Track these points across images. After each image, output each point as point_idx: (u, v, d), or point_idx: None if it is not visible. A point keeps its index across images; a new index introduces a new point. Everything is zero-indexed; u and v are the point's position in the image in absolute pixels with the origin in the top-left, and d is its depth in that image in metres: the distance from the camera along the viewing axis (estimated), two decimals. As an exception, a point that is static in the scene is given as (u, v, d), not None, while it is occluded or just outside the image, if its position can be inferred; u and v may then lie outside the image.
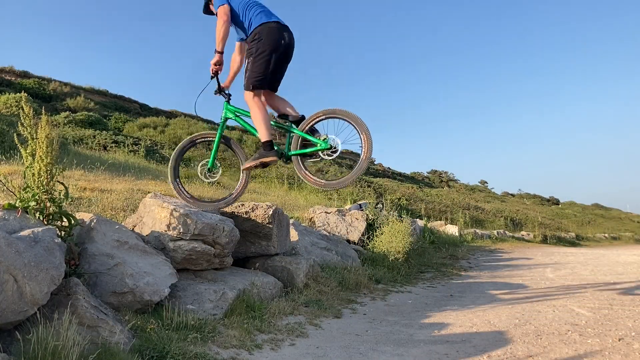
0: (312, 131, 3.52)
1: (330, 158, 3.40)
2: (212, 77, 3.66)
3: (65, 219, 2.73)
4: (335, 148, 3.36)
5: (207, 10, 3.80)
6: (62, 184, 2.77)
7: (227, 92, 3.82)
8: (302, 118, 3.57)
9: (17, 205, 2.55)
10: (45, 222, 2.61)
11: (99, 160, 9.12)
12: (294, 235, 5.24)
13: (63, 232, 2.70)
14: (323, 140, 3.37)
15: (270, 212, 4.05)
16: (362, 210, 7.87)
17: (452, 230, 12.34)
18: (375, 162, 40.86)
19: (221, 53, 3.52)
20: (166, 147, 18.88)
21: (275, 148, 3.50)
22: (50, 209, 2.65)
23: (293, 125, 3.58)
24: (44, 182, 2.61)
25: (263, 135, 3.44)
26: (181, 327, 2.73)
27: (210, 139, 3.82)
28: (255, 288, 3.59)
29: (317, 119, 3.45)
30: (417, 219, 11.17)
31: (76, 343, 1.99)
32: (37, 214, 2.60)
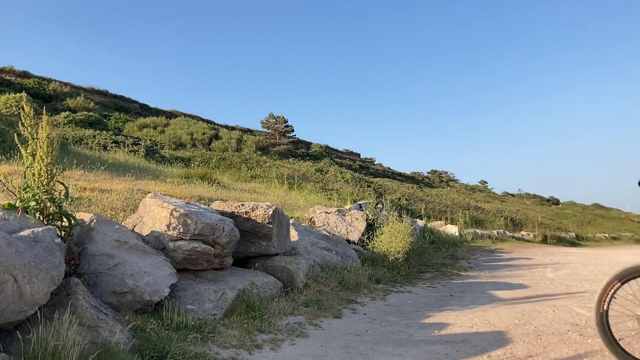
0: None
1: None
2: None
3: (65, 219, 2.73)
4: None
5: None
6: (62, 184, 2.78)
7: None
8: None
9: (17, 205, 2.55)
10: (45, 222, 2.61)
11: (99, 160, 9.14)
12: (294, 235, 5.24)
13: (63, 232, 2.70)
14: None
15: (270, 212, 4.05)
16: (362, 210, 7.88)
17: (452, 230, 12.33)
18: (375, 162, 40.86)
19: None
20: (166, 147, 18.88)
21: None
22: (50, 209, 2.65)
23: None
24: (44, 182, 2.62)
25: None
26: (181, 327, 2.73)
27: None
28: (255, 288, 3.59)
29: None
30: (417, 219, 11.18)
31: (76, 343, 1.99)
32: (37, 214, 2.60)
